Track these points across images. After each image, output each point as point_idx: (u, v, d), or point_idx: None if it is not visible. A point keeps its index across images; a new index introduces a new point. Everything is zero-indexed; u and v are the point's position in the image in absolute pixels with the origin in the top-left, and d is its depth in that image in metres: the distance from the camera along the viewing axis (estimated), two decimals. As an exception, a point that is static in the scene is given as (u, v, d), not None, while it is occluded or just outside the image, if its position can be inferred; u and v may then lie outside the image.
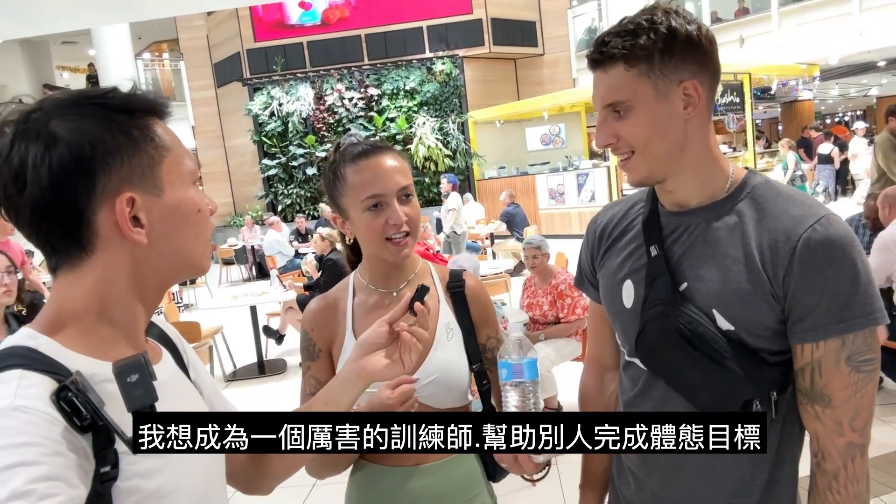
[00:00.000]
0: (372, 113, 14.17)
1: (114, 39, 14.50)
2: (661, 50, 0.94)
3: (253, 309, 5.90)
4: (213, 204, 0.85)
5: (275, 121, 14.47)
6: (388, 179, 1.20)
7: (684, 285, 1.01)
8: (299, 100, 14.29)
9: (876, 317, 0.92)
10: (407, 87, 14.13)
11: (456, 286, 1.32)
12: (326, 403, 0.96)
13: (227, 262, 12.62)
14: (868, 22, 11.32)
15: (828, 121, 24.63)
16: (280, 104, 14.35)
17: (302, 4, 14.68)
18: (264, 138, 14.61)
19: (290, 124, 14.37)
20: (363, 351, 0.97)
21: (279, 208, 14.61)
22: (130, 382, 0.68)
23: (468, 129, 14.34)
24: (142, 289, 0.79)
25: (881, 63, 14.85)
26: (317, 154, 14.10)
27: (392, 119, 14.00)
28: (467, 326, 1.29)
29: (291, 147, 14.40)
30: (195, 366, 0.95)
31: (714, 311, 0.98)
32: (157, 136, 0.78)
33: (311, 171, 14.26)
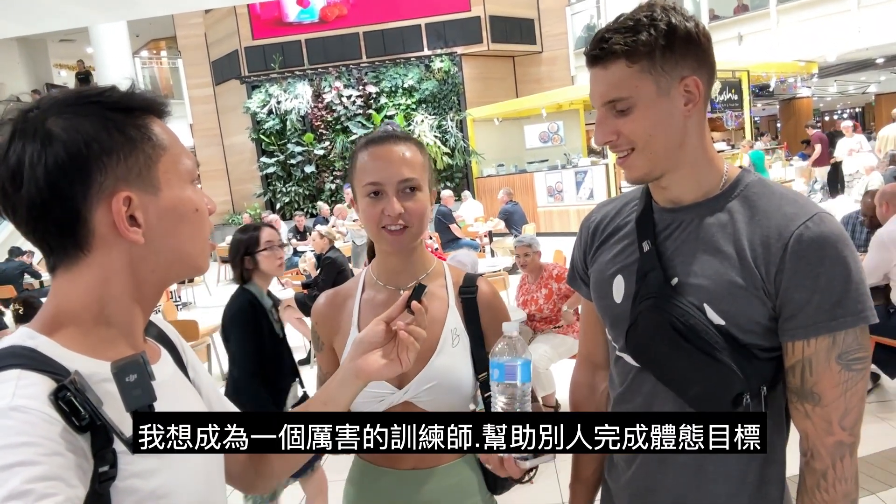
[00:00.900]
0: (370, 111, 14.14)
1: (111, 37, 14.45)
2: (663, 46, 0.94)
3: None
4: (212, 203, 0.85)
5: (273, 119, 14.43)
6: (390, 169, 1.18)
7: (675, 280, 1.01)
8: (297, 97, 14.25)
9: (867, 315, 0.92)
10: (405, 85, 14.10)
11: (468, 291, 1.27)
12: (325, 403, 0.96)
13: (226, 261, 12.58)
14: (866, 19, 11.31)
15: (826, 118, 24.66)
16: (278, 102, 14.31)
17: (300, 2, 14.64)
18: (262, 136, 14.59)
19: (289, 122, 14.34)
20: (360, 349, 0.95)
21: (277, 206, 14.58)
22: (129, 382, 0.68)
23: (467, 127, 14.32)
24: (140, 288, 0.79)
25: (879, 60, 14.85)
26: (315, 152, 14.09)
27: (390, 117, 13.96)
28: (476, 334, 1.24)
29: (290, 145, 14.37)
30: (194, 365, 0.95)
31: (705, 306, 0.98)
32: (155, 135, 0.78)
33: (310, 169, 14.24)
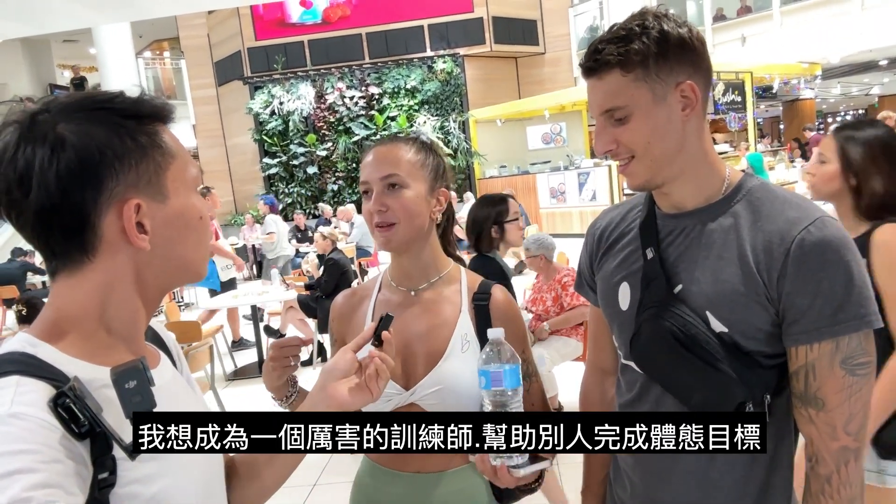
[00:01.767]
0: (373, 112, 14.15)
1: (115, 38, 14.46)
2: (656, 54, 0.95)
3: (254, 308, 5.90)
4: (213, 211, 0.85)
5: (275, 119, 14.45)
6: (374, 167, 1.22)
7: (679, 287, 1.01)
8: (300, 98, 14.27)
9: (870, 319, 0.92)
10: (408, 86, 14.11)
11: (481, 298, 1.26)
12: None
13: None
14: (869, 21, 11.29)
15: (829, 120, 24.60)
16: (281, 103, 14.33)
17: (303, 3, 14.66)
18: (265, 137, 14.60)
19: (291, 123, 14.35)
20: (330, 378, 0.91)
21: (280, 207, 14.59)
22: (128, 389, 0.67)
23: (469, 128, 14.32)
24: (142, 294, 0.79)
25: (883, 62, 14.81)
26: (317, 153, 14.09)
27: (393, 118, 13.97)
28: (486, 341, 1.24)
29: (292, 146, 14.38)
30: (185, 373, 0.95)
31: (707, 314, 0.98)
32: (164, 143, 0.78)
33: (312, 170, 14.25)
